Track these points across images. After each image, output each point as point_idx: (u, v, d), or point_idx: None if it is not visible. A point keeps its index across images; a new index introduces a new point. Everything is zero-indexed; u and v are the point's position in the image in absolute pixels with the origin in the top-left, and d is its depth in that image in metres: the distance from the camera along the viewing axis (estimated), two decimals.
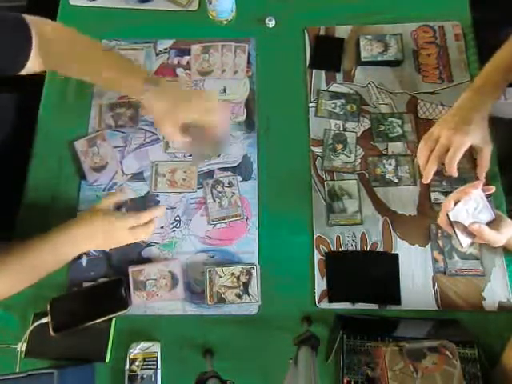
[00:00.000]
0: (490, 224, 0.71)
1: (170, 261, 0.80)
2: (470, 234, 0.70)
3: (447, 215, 0.69)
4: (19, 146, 0.92)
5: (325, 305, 0.77)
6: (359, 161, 0.86)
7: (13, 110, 0.97)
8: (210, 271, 0.77)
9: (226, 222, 0.83)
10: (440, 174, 0.83)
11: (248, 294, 0.76)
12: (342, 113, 0.90)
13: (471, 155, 0.84)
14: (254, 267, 0.77)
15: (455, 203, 0.69)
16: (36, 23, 0.77)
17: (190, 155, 0.88)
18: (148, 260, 0.81)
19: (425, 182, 0.79)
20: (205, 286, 0.76)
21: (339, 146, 0.87)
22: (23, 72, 0.77)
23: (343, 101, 0.91)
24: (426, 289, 0.77)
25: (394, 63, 0.93)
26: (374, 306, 0.77)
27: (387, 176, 0.85)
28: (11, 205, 0.86)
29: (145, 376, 0.72)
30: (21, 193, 0.86)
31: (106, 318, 0.75)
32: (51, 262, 0.74)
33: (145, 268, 0.79)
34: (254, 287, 0.76)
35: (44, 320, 0.75)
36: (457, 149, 0.74)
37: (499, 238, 0.70)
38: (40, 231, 0.74)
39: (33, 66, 0.77)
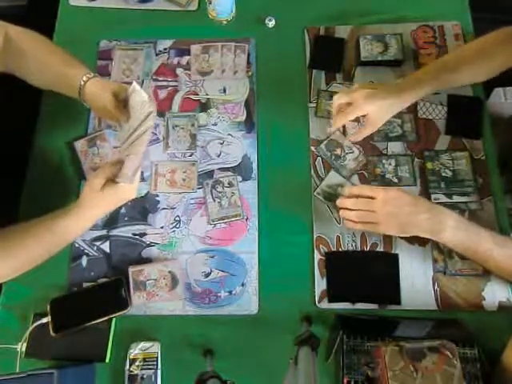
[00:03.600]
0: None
1: (169, 261, 0.80)
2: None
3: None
4: (19, 145, 0.92)
5: (325, 305, 0.77)
6: (362, 157, 0.86)
7: (13, 110, 0.97)
8: None
9: (225, 222, 0.83)
10: (438, 174, 0.83)
11: None
12: None
13: (471, 156, 0.84)
14: None
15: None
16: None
17: (191, 155, 0.88)
18: (148, 260, 0.81)
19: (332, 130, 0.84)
20: None
21: (338, 151, 0.87)
22: None
23: None
24: (426, 289, 0.77)
25: (394, 63, 0.93)
26: (374, 306, 0.77)
27: (387, 176, 0.85)
28: (11, 205, 0.86)
29: (145, 376, 0.72)
30: (21, 193, 0.86)
31: (105, 318, 0.75)
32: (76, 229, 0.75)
33: (145, 268, 0.79)
34: None
35: (44, 320, 0.75)
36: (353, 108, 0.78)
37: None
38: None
39: None
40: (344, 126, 0.89)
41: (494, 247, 0.70)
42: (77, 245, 0.82)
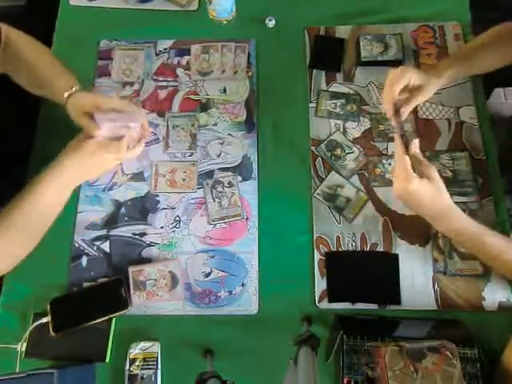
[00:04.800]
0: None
1: (169, 261, 0.80)
2: None
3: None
4: (19, 145, 0.92)
5: (325, 305, 0.77)
6: (362, 157, 0.86)
7: (13, 110, 0.97)
8: None
9: (225, 222, 0.83)
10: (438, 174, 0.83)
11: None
12: (342, 113, 0.90)
13: (471, 156, 0.84)
14: None
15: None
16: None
17: (191, 155, 0.88)
18: (148, 260, 0.81)
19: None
20: None
21: (338, 151, 0.87)
22: None
23: (343, 101, 0.91)
24: (426, 289, 0.77)
25: (394, 63, 0.92)
26: (374, 306, 0.77)
27: (387, 176, 0.85)
28: None
29: (145, 376, 0.72)
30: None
31: (105, 318, 0.75)
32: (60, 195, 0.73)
33: (145, 268, 0.79)
34: None
35: (44, 320, 0.75)
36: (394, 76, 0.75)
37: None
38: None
39: None
40: (344, 126, 0.89)
41: (503, 251, 0.68)
42: (77, 245, 0.82)
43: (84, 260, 0.81)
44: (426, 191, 0.68)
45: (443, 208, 0.69)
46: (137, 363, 0.73)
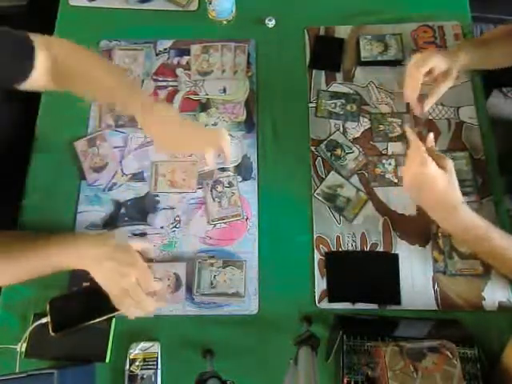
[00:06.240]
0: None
1: (176, 262, 0.80)
2: None
3: None
4: (19, 146, 0.92)
5: (325, 305, 0.77)
6: (362, 157, 0.86)
7: (12, 110, 0.96)
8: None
9: (225, 222, 0.83)
10: None
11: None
12: (341, 113, 0.90)
13: (471, 156, 0.84)
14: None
15: None
16: (43, 41, 0.74)
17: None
18: (149, 260, 0.81)
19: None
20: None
21: (339, 151, 0.87)
22: (26, 86, 0.74)
23: (343, 101, 0.91)
24: (426, 289, 0.77)
25: (394, 63, 0.93)
26: (374, 306, 0.77)
27: (387, 176, 0.85)
28: (12, 205, 0.86)
29: (145, 376, 0.72)
30: (21, 193, 0.86)
31: (106, 317, 0.75)
32: (52, 266, 0.71)
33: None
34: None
35: (44, 320, 0.74)
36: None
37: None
38: (40, 231, 0.74)
39: (36, 80, 0.73)
40: (344, 126, 0.89)
41: (505, 249, 0.69)
42: None
43: None
44: (442, 178, 0.68)
45: (454, 201, 0.69)
46: (137, 363, 0.73)
